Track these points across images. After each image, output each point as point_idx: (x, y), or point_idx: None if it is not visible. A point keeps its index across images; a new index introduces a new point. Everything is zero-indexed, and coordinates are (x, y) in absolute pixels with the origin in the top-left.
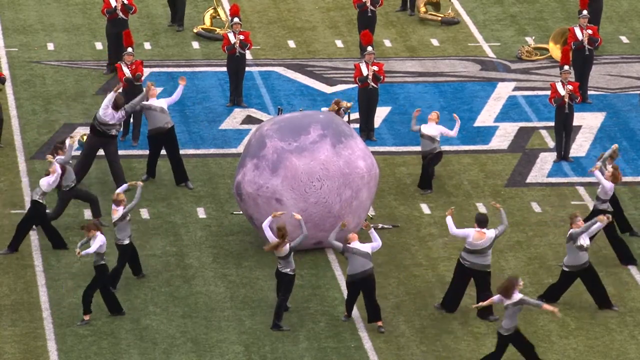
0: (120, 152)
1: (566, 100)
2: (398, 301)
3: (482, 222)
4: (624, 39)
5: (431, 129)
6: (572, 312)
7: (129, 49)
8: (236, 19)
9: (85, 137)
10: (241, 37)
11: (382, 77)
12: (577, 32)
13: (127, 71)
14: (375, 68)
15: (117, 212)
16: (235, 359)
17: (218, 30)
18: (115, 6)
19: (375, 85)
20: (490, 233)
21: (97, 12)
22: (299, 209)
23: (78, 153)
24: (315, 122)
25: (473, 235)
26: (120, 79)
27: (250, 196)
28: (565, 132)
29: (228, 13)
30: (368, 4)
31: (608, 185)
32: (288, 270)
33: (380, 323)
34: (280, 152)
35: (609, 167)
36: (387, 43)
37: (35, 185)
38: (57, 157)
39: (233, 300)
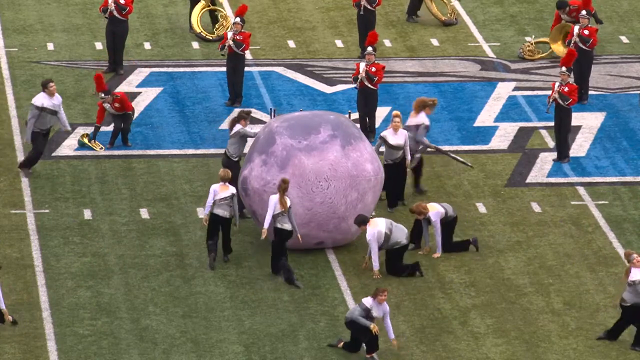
0: (120, 153)
1: (558, 100)
2: (398, 301)
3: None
4: (624, 39)
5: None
6: (572, 312)
7: (101, 94)
8: (237, 19)
9: (85, 138)
10: (239, 37)
11: (376, 77)
12: (576, 30)
13: (109, 107)
14: (373, 69)
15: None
16: (235, 359)
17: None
18: (110, 6)
19: (370, 86)
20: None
21: (97, 12)
22: (305, 207)
23: (78, 153)
24: (326, 122)
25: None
26: (99, 117)
27: (257, 192)
28: (559, 132)
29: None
30: (363, 2)
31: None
32: (287, 226)
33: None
34: (289, 150)
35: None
36: (387, 43)
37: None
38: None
39: (233, 300)
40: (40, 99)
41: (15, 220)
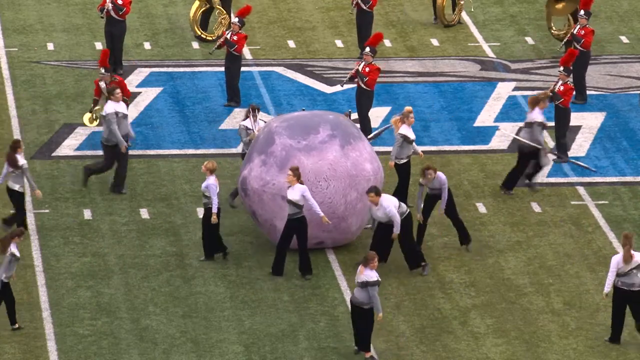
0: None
1: (553, 99)
2: (398, 301)
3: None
4: (624, 39)
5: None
6: (572, 312)
7: (102, 70)
8: (236, 20)
9: (91, 115)
10: (234, 37)
11: (366, 77)
12: (574, 31)
13: (104, 88)
14: (367, 69)
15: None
16: (235, 359)
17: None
18: (107, 5)
19: (362, 85)
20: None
21: (96, 12)
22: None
23: (78, 153)
24: (325, 122)
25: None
26: (96, 92)
27: (256, 192)
28: (556, 132)
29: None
30: (356, 0)
31: None
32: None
33: (368, 354)
34: (288, 150)
35: None
36: (387, 43)
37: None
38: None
39: (233, 300)
40: (111, 107)
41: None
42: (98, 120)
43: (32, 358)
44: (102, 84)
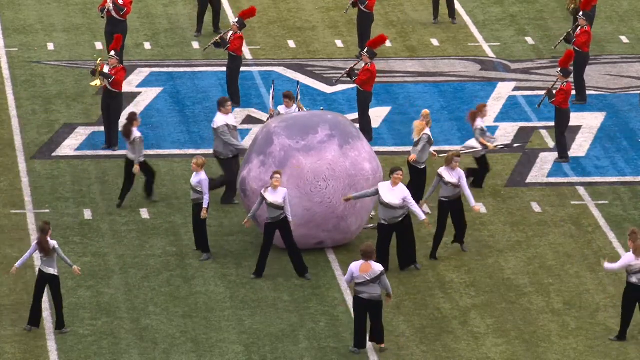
0: (120, 153)
1: (549, 98)
2: (398, 301)
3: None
4: (624, 39)
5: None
6: (572, 312)
7: (112, 53)
8: (235, 20)
9: (97, 77)
10: (231, 37)
11: (356, 77)
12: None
13: (106, 72)
14: (363, 69)
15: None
16: (235, 359)
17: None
18: (108, 5)
19: (357, 85)
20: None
21: (97, 12)
22: (303, 207)
23: (78, 153)
24: (324, 122)
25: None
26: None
27: (255, 193)
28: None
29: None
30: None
31: None
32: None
33: (382, 345)
34: (287, 150)
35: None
36: (387, 43)
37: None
38: None
39: (233, 300)
40: (222, 119)
41: (15, 220)
42: (101, 78)
43: (32, 358)
44: (107, 69)
